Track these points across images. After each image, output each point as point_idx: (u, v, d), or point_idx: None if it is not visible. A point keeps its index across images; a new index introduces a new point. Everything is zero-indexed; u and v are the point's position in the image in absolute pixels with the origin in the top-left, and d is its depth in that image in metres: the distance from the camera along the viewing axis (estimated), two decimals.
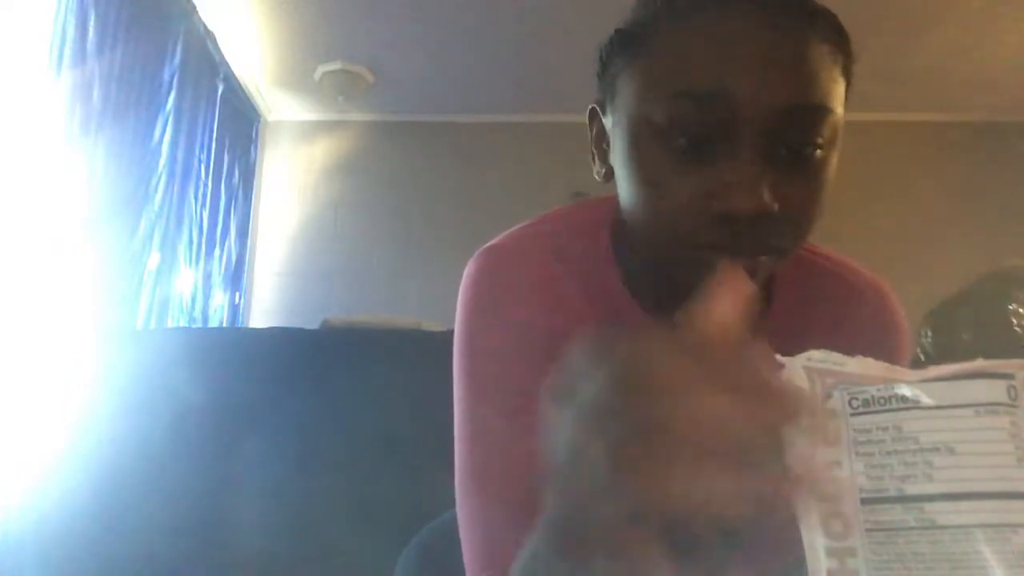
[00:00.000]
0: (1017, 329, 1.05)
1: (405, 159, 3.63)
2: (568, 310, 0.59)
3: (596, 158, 0.61)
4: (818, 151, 0.49)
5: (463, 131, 3.63)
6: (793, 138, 0.48)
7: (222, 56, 2.99)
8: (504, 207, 3.36)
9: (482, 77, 3.32)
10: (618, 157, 0.55)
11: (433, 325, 1.88)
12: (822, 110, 0.48)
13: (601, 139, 0.61)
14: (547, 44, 3.03)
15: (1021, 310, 1.06)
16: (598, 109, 0.61)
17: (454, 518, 0.59)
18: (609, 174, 0.59)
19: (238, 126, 3.31)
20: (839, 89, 0.50)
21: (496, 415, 0.55)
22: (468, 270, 0.61)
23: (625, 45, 0.55)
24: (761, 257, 0.50)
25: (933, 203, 3.38)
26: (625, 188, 0.54)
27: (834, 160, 0.51)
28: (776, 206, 0.47)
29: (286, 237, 3.60)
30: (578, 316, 0.60)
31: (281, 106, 3.64)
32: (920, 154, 3.42)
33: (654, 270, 0.58)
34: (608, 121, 0.58)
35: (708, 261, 0.49)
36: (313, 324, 1.87)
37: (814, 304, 0.63)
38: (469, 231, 3.43)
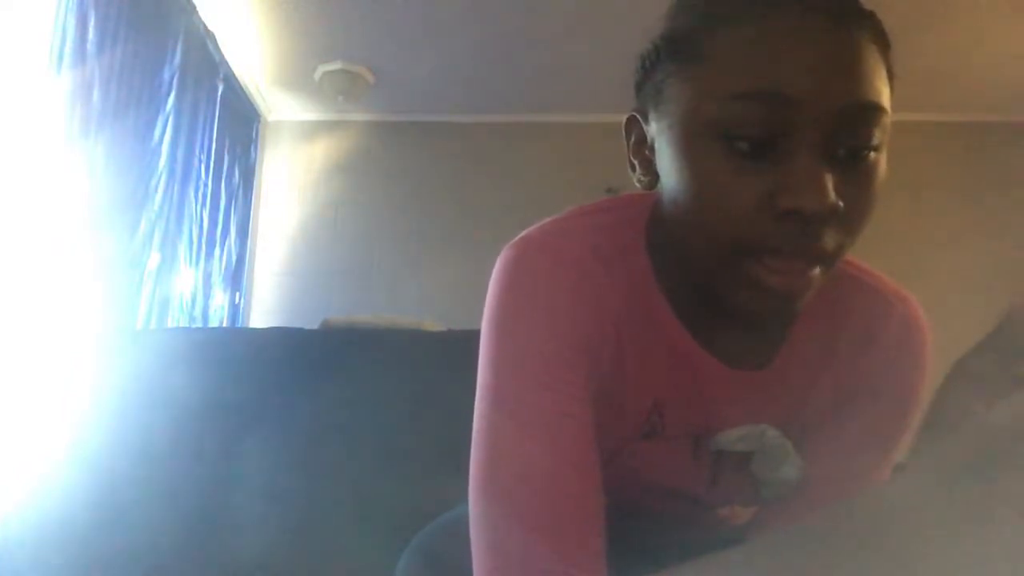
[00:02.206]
0: None
1: (405, 159, 3.63)
2: (604, 309, 0.58)
3: (638, 167, 0.61)
4: (872, 153, 0.49)
5: (463, 131, 3.63)
6: (851, 138, 0.48)
7: (222, 56, 2.99)
8: (504, 207, 3.36)
9: (482, 77, 3.32)
10: (669, 163, 0.54)
11: (434, 325, 1.88)
12: (878, 109, 0.49)
13: (642, 147, 0.60)
14: (547, 44, 3.03)
15: None
16: (638, 117, 0.60)
17: (454, 518, 0.58)
18: (653, 181, 0.59)
19: (238, 126, 3.31)
20: (887, 90, 0.51)
21: (517, 415, 0.54)
22: (501, 260, 0.59)
23: (673, 51, 0.54)
24: (816, 267, 0.50)
25: (934, 203, 3.38)
26: (679, 193, 0.53)
27: (884, 163, 0.51)
28: (841, 204, 0.47)
29: (286, 237, 3.60)
30: (613, 316, 0.59)
31: (281, 106, 3.64)
32: (920, 154, 3.42)
33: (694, 274, 0.58)
34: (652, 128, 0.57)
35: (768, 263, 0.49)
36: (313, 324, 1.87)
37: (843, 313, 0.63)
38: (469, 231, 3.43)
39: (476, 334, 0.59)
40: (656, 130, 0.57)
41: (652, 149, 0.58)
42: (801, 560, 0.34)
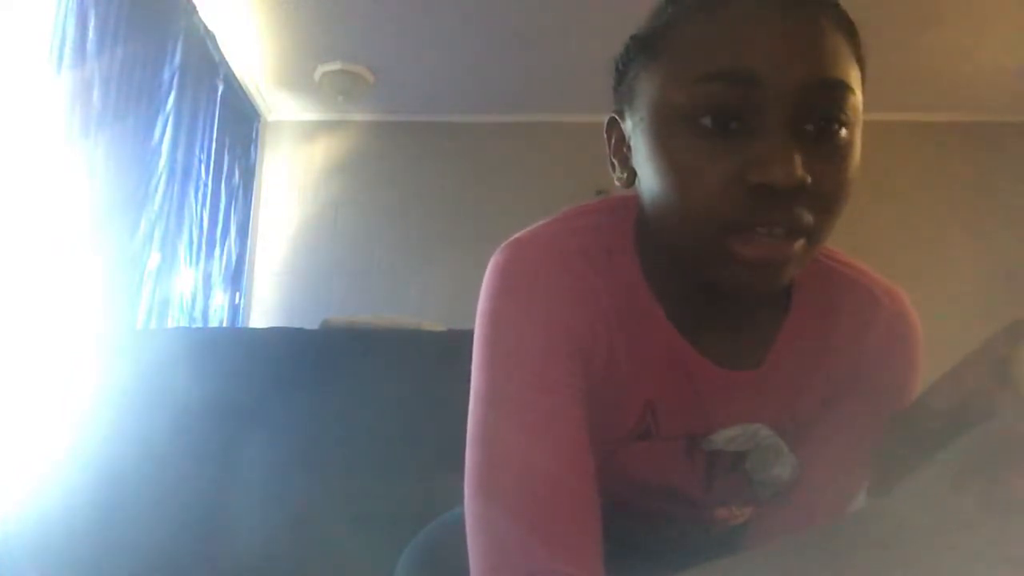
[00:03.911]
0: None
1: (405, 159, 3.63)
2: (595, 310, 0.59)
3: (617, 166, 0.62)
4: (843, 129, 0.50)
5: (463, 131, 3.63)
6: (818, 113, 0.49)
7: (222, 56, 2.99)
8: (504, 207, 3.37)
9: (482, 77, 3.32)
10: (643, 154, 0.55)
11: (434, 325, 1.88)
12: (843, 86, 0.49)
13: (620, 146, 0.61)
14: (547, 44, 3.03)
15: None
16: (616, 118, 0.61)
17: (454, 518, 0.58)
18: (631, 178, 0.59)
19: (238, 126, 3.31)
20: (856, 73, 0.51)
21: (512, 416, 0.54)
22: (493, 263, 0.60)
23: (643, 48, 0.56)
24: (798, 239, 0.50)
25: (933, 203, 3.38)
26: (653, 182, 0.54)
27: (857, 143, 0.51)
28: (809, 179, 0.48)
29: (286, 237, 3.60)
30: (604, 317, 0.59)
31: (281, 106, 3.64)
32: (920, 154, 3.42)
33: (680, 270, 0.58)
34: (628, 125, 0.58)
35: (742, 244, 0.49)
36: (313, 324, 1.87)
37: (832, 310, 0.63)
38: (469, 231, 3.43)
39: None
40: (631, 126, 0.58)
41: (629, 147, 0.59)
42: (817, 565, 0.34)
